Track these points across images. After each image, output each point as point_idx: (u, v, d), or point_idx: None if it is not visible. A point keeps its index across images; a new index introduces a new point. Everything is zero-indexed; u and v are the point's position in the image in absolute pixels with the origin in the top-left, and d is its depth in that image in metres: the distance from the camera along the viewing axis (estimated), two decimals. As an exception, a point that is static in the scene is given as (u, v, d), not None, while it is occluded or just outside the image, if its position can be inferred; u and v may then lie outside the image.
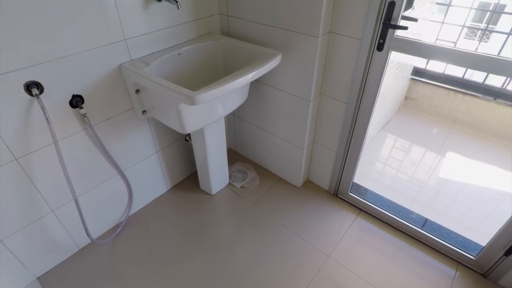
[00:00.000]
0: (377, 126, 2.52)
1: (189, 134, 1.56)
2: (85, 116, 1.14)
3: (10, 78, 0.93)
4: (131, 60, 1.20)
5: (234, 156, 1.98)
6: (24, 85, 0.96)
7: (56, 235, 1.29)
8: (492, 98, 2.60)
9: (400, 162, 2.30)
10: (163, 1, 1.19)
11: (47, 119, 1.00)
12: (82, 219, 1.23)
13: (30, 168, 1.09)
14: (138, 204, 1.61)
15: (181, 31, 1.34)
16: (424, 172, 2.20)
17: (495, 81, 2.76)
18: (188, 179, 1.81)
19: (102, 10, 1.04)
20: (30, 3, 0.88)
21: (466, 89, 2.71)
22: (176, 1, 1.13)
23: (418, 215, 1.56)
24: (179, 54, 1.30)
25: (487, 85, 2.68)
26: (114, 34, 1.11)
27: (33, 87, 0.98)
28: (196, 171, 1.84)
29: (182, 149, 1.69)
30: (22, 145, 1.04)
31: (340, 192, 1.69)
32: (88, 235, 1.28)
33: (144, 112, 1.31)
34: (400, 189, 2.04)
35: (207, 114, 1.25)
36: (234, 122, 1.87)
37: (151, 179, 1.60)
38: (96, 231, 1.47)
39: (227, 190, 1.74)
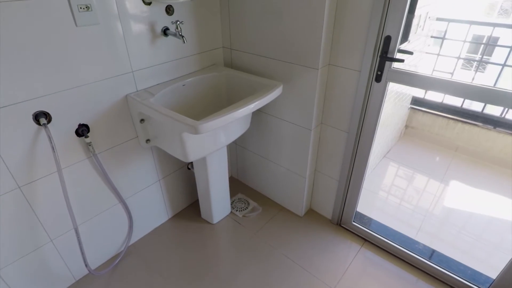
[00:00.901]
0: (378, 154, 2.52)
1: (192, 162, 1.57)
2: (90, 145, 1.16)
3: (20, 108, 0.96)
4: (137, 91, 1.24)
5: (236, 185, 1.97)
6: (33, 115, 0.99)
7: (53, 266, 1.27)
8: (492, 127, 2.62)
9: (403, 191, 2.28)
10: (169, 36, 1.25)
11: (53, 148, 1.02)
12: (81, 249, 1.21)
13: (32, 197, 1.09)
14: (138, 233, 1.59)
15: (186, 63, 1.39)
16: (429, 201, 2.16)
17: (494, 110, 2.80)
18: (189, 208, 1.79)
19: (112, 44, 1.10)
20: (42, 37, 0.93)
21: (465, 118, 2.75)
22: (182, 36, 1.19)
23: (424, 245, 1.52)
24: (183, 85, 1.34)
25: (486, 114, 2.71)
26: (122, 67, 1.16)
27: (41, 117, 1.01)
28: (197, 200, 1.82)
29: (184, 178, 1.69)
30: (26, 173, 1.05)
31: (343, 222, 1.66)
32: (86, 265, 1.25)
33: (148, 141, 1.33)
34: (405, 218, 2.01)
35: (210, 143, 1.27)
36: (236, 150, 1.89)
37: (152, 208, 1.59)
38: (94, 261, 1.43)
39: (229, 219, 1.72)
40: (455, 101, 2.87)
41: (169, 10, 1.22)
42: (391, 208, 2.12)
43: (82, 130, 1.13)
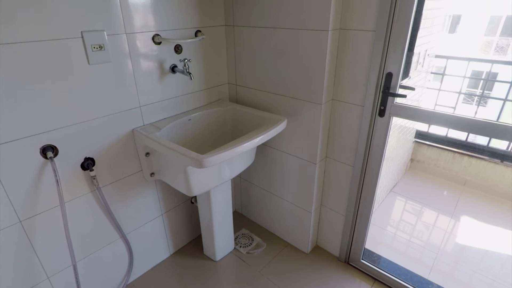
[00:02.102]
0: (385, 188, 2.48)
1: (195, 196, 1.55)
2: (94, 178, 1.16)
3: (29, 141, 0.97)
4: (144, 125, 1.27)
5: (240, 219, 1.93)
6: (40, 149, 1.01)
7: (48, 306, 1.21)
8: (499, 161, 2.59)
9: (412, 226, 2.20)
10: (177, 73, 1.30)
11: (57, 181, 1.02)
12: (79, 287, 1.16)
13: (33, 232, 1.07)
14: (138, 270, 1.53)
15: (192, 99, 1.43)
16: (440, 237, 2.08)
17: (500, 143, 2.78)
18: (192, 244, 1.74)
19: (122, 80, 1.14)
20: (55, 74, 0.97)
21: (471, 152, 2.73)
22: (190, 73, 1.24)
23: (438, 286, 1.44)
24: (189, 120, 1.37)
25: (492, 148, 2.69)
26: (131, 102, 1.20)
27: (48, 150, 1.02)
28: (200, 235, 1.78)
29: (187, 212, 1.66)
30: (28, 207, 1.04)
31: (351, 259, 1.59)
32: (82, 306, 1.19)
33: (152, 174, 1.33)
34: (416, 256, 1.92)
35: (214, 176, 1.26)
36: (241, 184, 1.87)
37: (154, 243, 1.54)
38: (91, 302, 1.37)
39: (232, 256, 1.66)
40: (459, 134, 2.87)
41: (177, 49, 1.28)
42: (400, 244, 2.04)
43: (88, 164, 1.13)
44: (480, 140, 2.88)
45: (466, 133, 2.79)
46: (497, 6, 7.08)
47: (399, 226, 2.21)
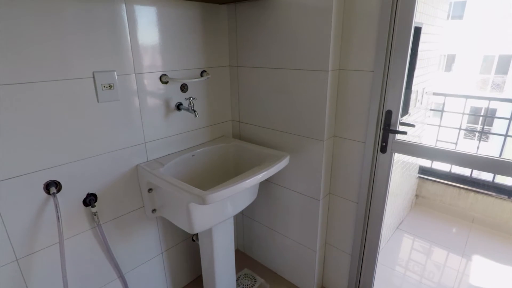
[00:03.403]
0: (391, 226, 2.41)
1: (197, 234, 1.51)
2: (95, 215, 1.14)
3: (33, 177, 0.98)
4: (148, 161, 1.28)
5: (242, 259, 1.86)
6: (44, 184, 1.01)
7: None
8: (507, 197, 2.55)
9: (422, 266, 2.11)
10: (182, 110, 1.34)
11: (58, 218, 1.01)
12: (71, 333, 1.10)
13: (29, 271, 1.04)
14: (135, 314, 1.45)
15: (196, 135, 1.46)
16: (452, 278, 1.99)
17: (506, 179, 2.75)
18: (192, 284, 1.66)
19: (128, 117, 1.17)
20: (64, 112, 1.01)
21: (477, 188, 2.69)
22: (194, 111, 1.28)
23: (454, 334, 1.35)
24: (192, 156, 1.38)
25: (498, 184, 2.66)
26: (136, 138, 1.22)
27: (52, 186, 1.02)
28: (200, 275, 1.70)
29: (188, 250, 1.61)
30: (27, 244, 1.02)
31: (359, 303, 1.50)
32: None
33: (154, 210, 1.31)
34: (428, 299, 1.82)
35: (217, 213, 1.24)
36: (243, 221, 1.84)
37: (152, 283, 1.48)
38: None
39: (234, 299, 1.57)
40: (463, 170, 2.85)
41: (183, 88, 1.33)
42: (411, 286, 1.94)
43: (90, 200, 1.13)
44: (485, 175, 2.85)
45: (470, 169, 2.78)
46: (489, 47, 7.40)
47: (408, 266, 2.12)
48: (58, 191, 1.05)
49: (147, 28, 1.16)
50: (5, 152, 0.91)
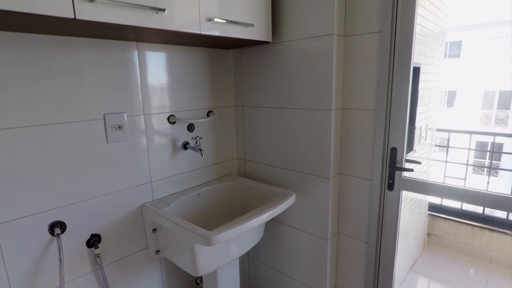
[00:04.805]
0: (404, 267, 2.30)
1: (201, 276, 1.46)
2: (98, 257, 1.12)
3: (38, 218, 0.98)
4: (153, 200, 1.27)
5: (248, 303, 1.76)
6: (49, 225, 1.00)
7: None
8: (523, 235, 2.44)
9: (441, 313, 1.97)
10: (189, 150, 1.36)
11: (61, 260, 0.99)
12: None
13: (26, 318, 1.00)
14: None
15: (202, 174, 1.46)
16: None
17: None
18: (195, 333, 1.56)
19: (136, 157, 1.19)
20: (73, 153, 1.03)
21: (491, 225, 2.59)
22: (201, 150, 1.30)
23: None
24: (198, 194, 1.38)
25: (513, 221, 2.56)
26: (143, 177, 1.23)
27: (56, 227, 1.01)
28: (204, 323, 1.61)
29: (192, 294, 1.54)
30: (27, 289, 0.99)
31: None
32: None
33: (157, 252, 1.28)
34: None
35: (222, 254, 1.21)
36: (249, 262, 1.77)
37: (153, 332, 1.40)
38: None
39: None
40: (475, 207, 2.77)
41: (190, 127, 1.37)
42: (430, 335, 1.79)
43: (93, 241, 1.11)
44: (499, 212, 2.76)
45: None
46: (488, 83, 7.56)
47: (425, 312, 1.98)
48: (63, 231, 1.04)
49: (157, 72, 1.22)
50: (14, 192, 0.92)
